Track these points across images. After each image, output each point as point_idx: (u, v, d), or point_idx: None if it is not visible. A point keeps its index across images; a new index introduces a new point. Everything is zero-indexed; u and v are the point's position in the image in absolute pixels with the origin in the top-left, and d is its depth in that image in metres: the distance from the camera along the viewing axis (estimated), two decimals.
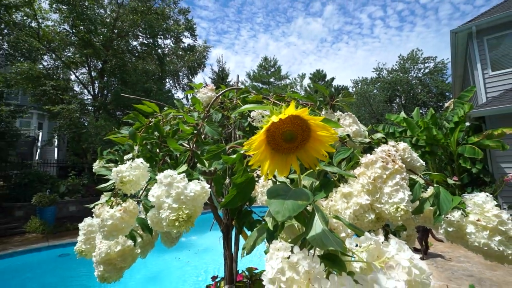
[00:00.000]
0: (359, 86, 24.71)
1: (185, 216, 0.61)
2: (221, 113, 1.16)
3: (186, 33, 13.91)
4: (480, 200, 0.71)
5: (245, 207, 1.06)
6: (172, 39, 13.94)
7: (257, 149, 0.41)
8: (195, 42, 14.99)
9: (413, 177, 0.85)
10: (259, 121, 1.06)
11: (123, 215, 0.73)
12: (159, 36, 12.92)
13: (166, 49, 14.61)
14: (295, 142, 0.43)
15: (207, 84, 1.34)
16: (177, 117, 1.22)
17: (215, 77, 20.18)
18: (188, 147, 0.93)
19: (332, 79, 28.09)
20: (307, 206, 0.51)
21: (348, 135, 0.92)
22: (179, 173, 0.68)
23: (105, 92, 12.14)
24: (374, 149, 0.74)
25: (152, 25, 11.49)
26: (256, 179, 0.77)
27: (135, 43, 13.10)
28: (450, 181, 0.90)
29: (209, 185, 0.69)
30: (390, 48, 55.47)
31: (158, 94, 11.94)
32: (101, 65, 11.62)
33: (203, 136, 1.09)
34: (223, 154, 0.79)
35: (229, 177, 1.02)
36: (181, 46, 14.80)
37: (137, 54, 12.72)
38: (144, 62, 13.11)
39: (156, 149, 1.04)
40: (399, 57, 22.84)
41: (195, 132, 0.95)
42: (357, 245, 0.42)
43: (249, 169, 0.63)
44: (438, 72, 21.31)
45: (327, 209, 0.73)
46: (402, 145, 0.89)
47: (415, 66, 22.08)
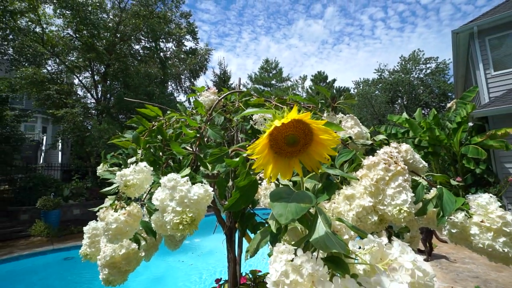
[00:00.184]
0: (361, 87, 24.66)
1: (188, 219, 0.62)
2: (223, 116, 1.16)
3: (187, 37, 14.01)
4: (484, 201, 0.71)
5: (248, 209, 1.06)
6: (174, 42, 14.05)
7: (260, 153, 0.42)
8: (197, 45, 15.10)
9: (415, 179, 0.85)
10: (261, 124, 1.06)
11: (127, 218, 0.73)
12: (161, 40, 13.02)
13: (168, 53, 14.72)
14: (297, 146, 0.43)
15: (209, 87, 1.35)
16: (180, 120, 1.23)
17: (217, 79, 20.26)
18: (191, 150, 0.93)
19: (334, 80, 28.07)
20: (310, 209, 0.51)
21: (350, 137, 0.92)
22: (183, 177, 0.69)
23: (108, 95, 12.24)
24: (376, 151, 0.74)
25: (154, 29, 11.59)
26: (259, 182, 0.78)
27: (137, 47, 13.23)
28: (453, 182, 0.90)
29: (212, 188, 0.70)
30: (392, 49, 55.39)
31: (160, 97, 12.01)
32: (104, 69, 11.72)
33: (206, 139, 1.10)
34: (225, 157, 0.80)
35: (232, 180, 1.03)
36: (183, 49, 14.90)
37: (139, 58, 12.82)
38: (146, 66, 13.21)
39: (159, 152, 1.05)
40: (400, 58, 22.79)
41: (198, 135, 0.96)
42: (360, 247, 0.43)
43: (252, 172, 0.64)
44: (440, 73, 21.21)
45: (330, 212, 0.73)
46: (404, 146, 0.89)
47: (417, 67, 22.00)
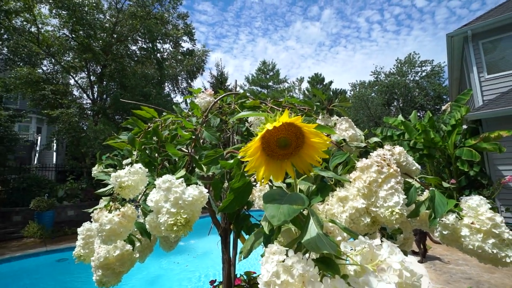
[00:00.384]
0: (357, 90, 24.84)
1: (183, 221, 0.62)
2: (219, 118, 1.17)
3: (185, 38, 14.00)
4: (474, 203, 0.72)
5: (243, 211, 1.07)
6: (171, 43, 14.03)
7: (253, 155, 0.42)
8: (194, 46, 15.10)
9: (409, 181, 0.86)
10: (257, 126, 1.07)
11: (122, 219, 0.73)
12: (158, 41, 13.00)
13: (165, 54, 14.69)
14: (289, 149, 0.44)
15: (205, 88, 1.36)
16: (175, 122, 1.23)
17: (214, 81, 20.26)
18: (187, 152, 0.94)
19: (331, 82, 28.22)
20: (303, 210, 0.52)
21: (344, 139, 0.93)
22: (178, 178, 0.69)
23: (104, 96, 12.17)
24: (370, 153, 0.75)
25: (151, 29, 11.57)
26: (254, 184, 0.78)
27: (134, 47, 13.18)
28: (445, 184, 0.91)
29: (207, 190, 0.70)
30: (388, 51, 55.91)
31: (157, 98, 11.97)
32: (100, 70, 11.65)
33: (201, 141, 1.10)
34: (221, 159, 0.80)
35: (227, 181, 1.03)
36: (180, 51, 14.88)
37: (136, 59, 12.77)
38: (143, 67, 13.16)
39: (154, 154, 1.05)
40: (396, 60, 23.03)
41: (194, 137, 0.96)
42: (352, 249, 0.43)
43: (246, 174, 0.64)
44: (435, 75, 21.47)
45: (324, 213, 0.74)
46: (398, 149, 0.90)
47: (413, 70, 22.25)
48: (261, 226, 0.63)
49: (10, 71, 9.74)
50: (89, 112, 11.51)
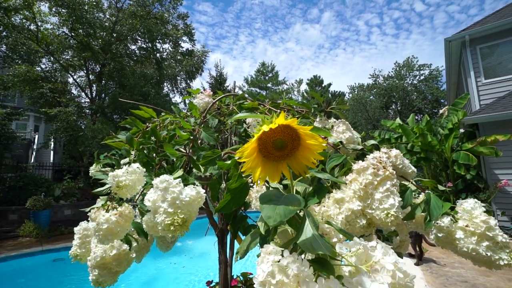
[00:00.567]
0: (356, 92, 24.93)
1: (180, 221, 0.62)
2: (217, 119, 1.17)
3: (184, 38, 14.00)
4: (469, 206, 0.72)
5: (240, 212, 1.07)
6: (170, 43, 14.02)
7: (249, 156, 0.43)
8: (194, 46, 15.10)
9: (405, 183, 0.87)
10: (254, 127, 1.07)
11: (119, 219, 0.73)
12: (157, 41, 12.99)
13: (165, 54, 14.68)
14: (285, 150, 0.44)
15: (204, 89, 1.36)
16: (174, 122, 1.23)
17: (213, 81, 20.28)
18: (185, 152, 0.94)
19: (329, 85, 28.31)
20: (299, 211, 0.52)
21: (341, 142, 0.94)
22: (175, 178, 0.69)
23: (103, 95, 12.13)
24: (367, 156, 0.76)
25: (151, 29, 11.56)
26: (251, 185, 0.79)
27: (133, 47, 13.16)
28: (441, 187, 0.92)
29: (204, 190, 0.70)
30: (387, 55, 56.21)
31: (155, 98, 11.95)
32: (99, 69, 11.63)
33: (199, 142, 1.10)
34: (218, 160, 0.80)
35: (224, 182, 1.04)
36: (179, 51, 14.87)
37: (135, 58, 12.76)
38: (142, 66, 13.15)
39: (152, 154, 1.05)
40: (395, 64, 23.15)
41: (192, 137, 0.97)
42: (347, 250, 0.44)
43: (243, 175, 0.65)
44: (433, 79, 21.60)
45: (320, 215, 0.74)
46: (394, 151, 0.91)
47: (411, 73, 22.38)
48: (257, 227, 0.64)
49: (8, 68, 9.70)
50: (88, 111, 11.47)
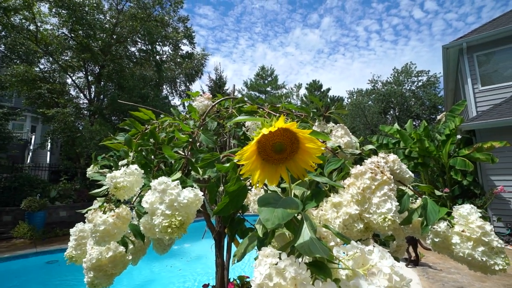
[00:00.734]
0: (354, 97, 25.08)
1: (177, 223, 0.62)
2: (216, 122, 1.18)
3: (184, 41, 14.07)
4: (465, 211, 0.73)
5: (237, 215, 1.07)
6: (170, 46, 14.07)
7: (248, 159, 0.43)
8: (194, 49, 15.15)
9: (402, 188, 0.87)
10: (253, 131, 1.08)
11: (116, 220, 0.73)
12: (157, 43, 13.03)
13: (164, 56, 14.73)
14: (284, 153, 0.45)
15: (204, 92, 1.37)
16: (173, 124, 1.23)
17: (212, 85, 20.30)
18: (183, 154, 0.94)
19: (328, 89, 28.46)
20: (297, 215, 0.53)
21: (339, 146, 0.94)
22: (173, 180, 0.69)
23: (102, 96, 12.12)
24: (365, 161, 0.76)
25: (151, 32, 11.60)
26: (249, 188, 0.79)
27: (133, 49, 13.20)
28: (437, 192, 0.92)
29: (202, 193, 0.70)
30: (385, 61, 56.68)
31: (154, 100, 11.94)
32: (98, 70, 11.63)
33: (198, 144, 1.10)
34: (217, 163, 0.81)
35: (222, 185, 1.04)
36: (179, 53, 14.93)
37: (135, 60, 12.78)
38: (141, 68, 13.16)
39: (151, 156, 1.05)
40: (393, 70, 23.35)
41: (190, 140, 0.97)
42: (344, 253, 0.44)
43: (242, 178, 0.65)
44: (431, 86, 21.80)
45: (318, 218, 0.74)
46: (392, 156, 0.91)
47: (409, 79, 22.58)
48: (255, 230, 0.64)
49: (6, 68, 9.66)
50: (86, 112, 11.44)
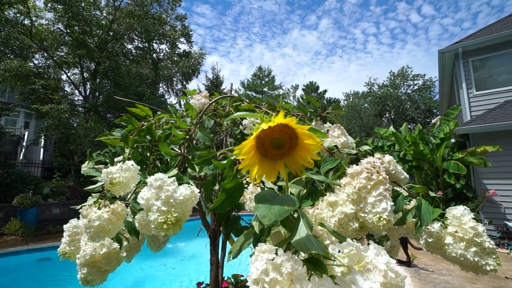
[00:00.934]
0: (351, 100, 25.27)
1: (173, 219, 0.62)
2: (213, 120, 1.17)
3: (182, 39, 13.99)
4: (459, 212, 0.74)
5: (233, 213, 1.07)
6: (167, 44, 13.98)
7: (247, 154, 0.43)
8: (191, 48, 15.09)
9: (397, 189, 0.88)
10: (250, 129, 1.08)
11: (111, 216, 0.73)
12: (154, 41, 12.95)
13: (161, 54, 14.64)
14: (283, 149, 0.45)
15: (201, 90, 1.36)
16: (169, 122, 1.23)
17: (209, 84, 20.23)
18: (180, 151, 0.94)
19: (325, 91, 28.61)
20: (294, 213, 0.53)
21: (336, 146, 0.95)
22: (170, 177, 0.69)
23: (97, 93, 11.98)
24: (361, 161, 0.77)
25: (148, 29, 11.52)
26: (245, 186, 0.79)
27: (130, 46, 13.09)
28: (432, 193, 0.93)
29: (198, 190, 0.70)
30: (382, 64, 57.12)
31: (151, 98, 11.86)
32: (94, 67, 11.50)
33: (194, 142, 1.10)
34: (213, 160, 0.80)
35: (218, 183, 1.03)
36: (176, 52, 14.85)
37: (131, 58, 12.67)
38: (138, 66, 13.07)
39: (147, 152, 1.05)
40: (390, 73, 23.59)
41: (187, 137, 0.96)
42: (339, 251, 0.44)
43: (238, 175, 0.65)
44: (426, 89, 22.07)
45: (313, 217, 0.75)
46: (388, 157, 0.92)
47: (405, 83, 22.82)
48: (251, 227, 0.64)
49: None
50: (80, 109, 11.31)
